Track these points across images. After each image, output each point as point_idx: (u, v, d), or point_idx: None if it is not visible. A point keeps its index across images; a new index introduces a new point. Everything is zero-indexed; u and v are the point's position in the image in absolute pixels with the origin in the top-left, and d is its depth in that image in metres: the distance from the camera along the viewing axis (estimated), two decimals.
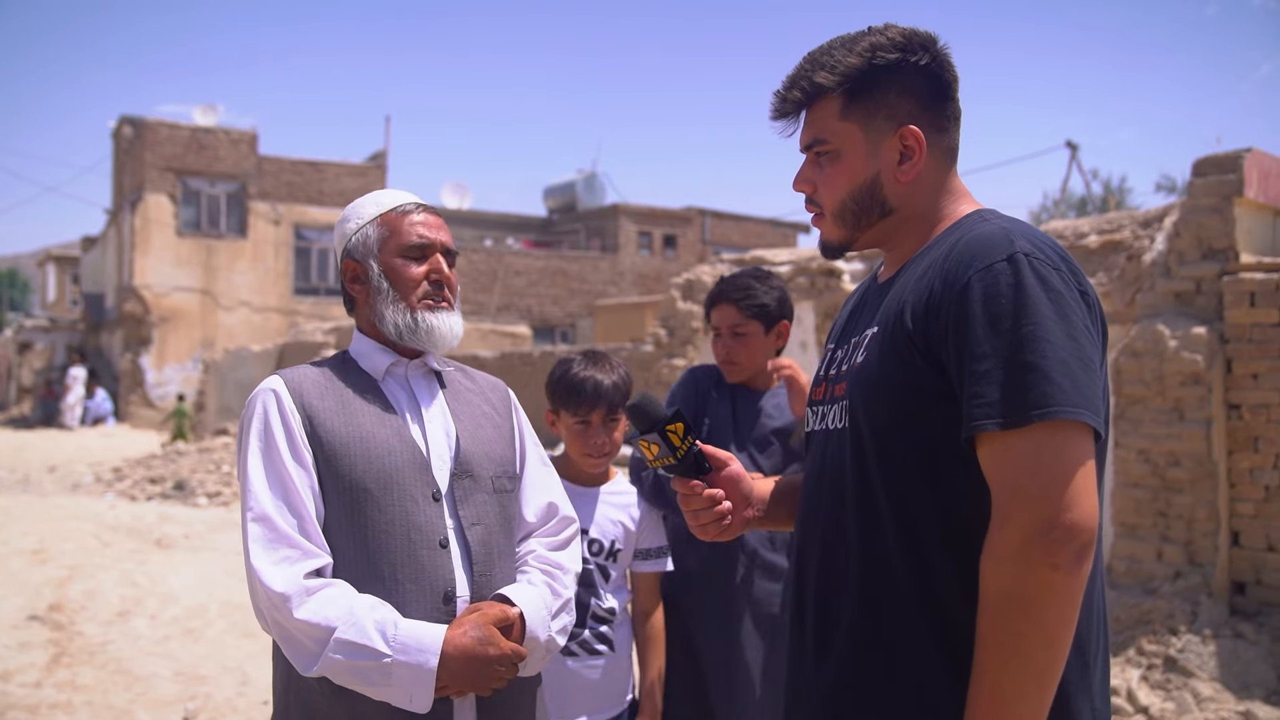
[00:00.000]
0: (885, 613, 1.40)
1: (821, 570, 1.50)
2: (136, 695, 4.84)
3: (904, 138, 1.49)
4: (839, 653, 1.45)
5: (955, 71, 1.54)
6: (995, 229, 1.40)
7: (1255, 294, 4.93)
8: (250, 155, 24.62)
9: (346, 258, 1.94)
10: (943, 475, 1.36)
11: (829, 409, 1.55)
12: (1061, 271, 1.34)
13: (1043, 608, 1.23)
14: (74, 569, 7.25)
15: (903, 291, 1.45)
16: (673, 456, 1.62)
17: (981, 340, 1.30)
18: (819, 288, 7.85)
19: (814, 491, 1.56)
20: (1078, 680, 1.33)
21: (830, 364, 1.62)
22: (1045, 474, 1.24)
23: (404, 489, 1.79)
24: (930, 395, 1.37)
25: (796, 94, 1.54)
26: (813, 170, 1.56)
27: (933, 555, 1.36)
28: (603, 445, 2.47)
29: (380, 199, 1.97)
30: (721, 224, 30.75)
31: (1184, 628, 4.77)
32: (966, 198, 1.56)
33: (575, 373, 2.45)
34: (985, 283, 1.32)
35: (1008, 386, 1.27)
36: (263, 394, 1.81)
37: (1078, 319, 1.31)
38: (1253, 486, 4.96)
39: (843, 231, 1.57)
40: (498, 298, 26.41)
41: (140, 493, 12.16)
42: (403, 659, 1.64)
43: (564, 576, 1.94)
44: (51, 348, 27.69)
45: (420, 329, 1.87)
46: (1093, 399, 1.28)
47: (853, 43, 1.51)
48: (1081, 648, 1.34)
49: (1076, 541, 1.23)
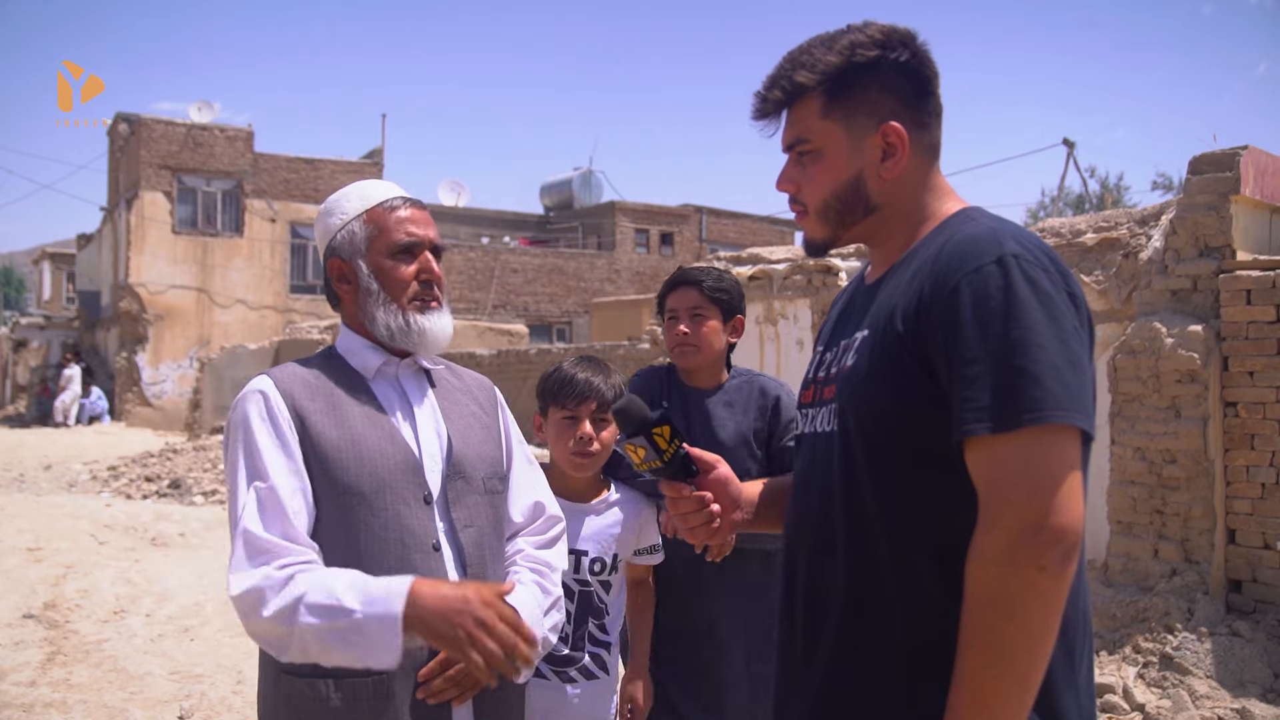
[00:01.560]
0: (874, 615, 1.40)
1: (810, 573, 1.50)
2: (132, 694, 4.83)
3: (886, 135, 1.49)
4: (828, 655, 1.45)
5: (935, 68, 1.54)
6: (984, 230, 1.40)
7: (1252, 291, 4.93)
8: (246, 153, 24.56)
9: (333, 255, 1.89)
10: (932, 478, 1.36)
11: (818, 412, 1.55)
12: (1050, 273, 1.34)
13: (1026, 610, 1.23)
14: (69, 567, 7.24)
15: (893, 294, 1.45)
16: (659, 460, 1.62)
17: (971, 343, 1.30)
18: (815, 285, 7.85)
19: (803, 494, 1.56)
20: (1064, 676, 1.34)
21: (819, 366, 1.62)
22: (1033, 477, 1.24)
23: (396, 492, 1.76)
24: (920, 398, 1.36)
25: (777, 94, 1.54)
26: (796, 170, 1.56)
27: (922, 558, 1.36)
28: (589, 441, 2.37)
29: (366, 193, 1.91)
30: (718, 221, 30.75)
31: (1180, 625, 4.77)
32: (951, 195, 1.56)
33: (567, 370, 2.43)
34: (975, 285, 1.32)
35: (998, 390, 1.27)
36: (251, 395, 1.76)
37: (1067, 321, 1.31)
38: (1249, 484, 4.96)
39: (826, 230, 1.57)
40: (494, 295, 26.39)
41: (136, 491, 12.13)
42: (371, 610, 1.55)
43: (552, 575, 1.93)
44: (47, 346, 27.63)
45: (413, 331, 1.84)
46: (1083, 401, 1.28)
47: (832, 41, 1.51)
48: (1068, 644, 1.34)
49: (1063, 545, 1.23)
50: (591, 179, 31.14)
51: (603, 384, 2.40)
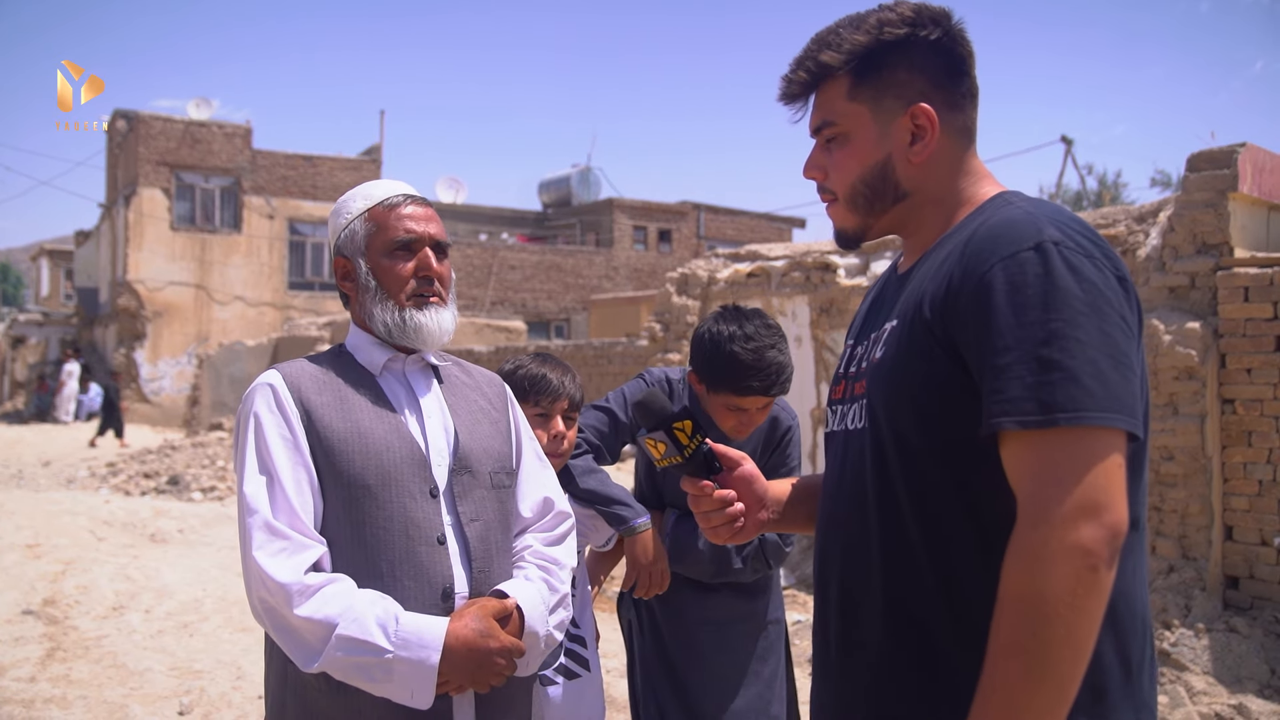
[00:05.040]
0: (911, 614, 1.34)
1: (844, 573, 1.44)
2: (131, 690, 4.83)
3: (915, 117, 1.42)
4: (864, 659, 1.39)
5: (970, 47, 1.46)
6: (1021, 214, 1.32)
7: (1249, 289, 4.94)
8: (245, 149, 24.53)
9: (337, 254, 1.93)
10: (966, 473, 1.30)
11: (849, 408, 1.48)
12: (1096, 259, 1.25)
13: (1073, 611, 1.15)
14: (68, 564, 7.24)
15: (923, 281, 1.38)
16: (680, 455, 1.58)
17: (1004, 333, 1.22)
18: (814, 282, 7.85)
19: (834, 493, 1.49)
20: (1120, 688, 1.27)
21: (850, 361, 1.54)
22: (1077, 477, 1.17)
23: (402, 485, 1.77)
24: (952, 389, 1.29)
25: (802, 75, 1.47)
26: (822, 155, 1.50)
27: (958, 555, 1.31)
28: (561, 439, 2.39)
29: (370, 192, 1.94)
30: (716, 218, 30.73)
31: (1177, 622, 4.78)
32: (988, 179, 1.48)
33: (535, 368, 2.42)
34: (1010, 272, 1.24)
35: (1032, 384, 1.19)
36: (260, 388, 1.79)
37: (1113, 311, 1.23)
38: (1246, 481, 4.97)
39: (856, 218, 1.49)
40: (492, 292, 26.38)
41: (135, 488, 12.13)
42: (404, 655, 1.63)
43: (560, 572, 1.94)
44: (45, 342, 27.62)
45: (409, 328, 1.85)
46: (1125, 400, 1.20)
47: (860, 20, 1.44)
48: (1124, 654, 1.28)
49: (1114, 543, 1.17)
50: (590, 176, 31.11)
51: (570, 383, 2.42)
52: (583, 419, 2.59)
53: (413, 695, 1.64)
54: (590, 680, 2.36)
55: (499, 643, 1.70)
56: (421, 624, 1.66)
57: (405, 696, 1.65)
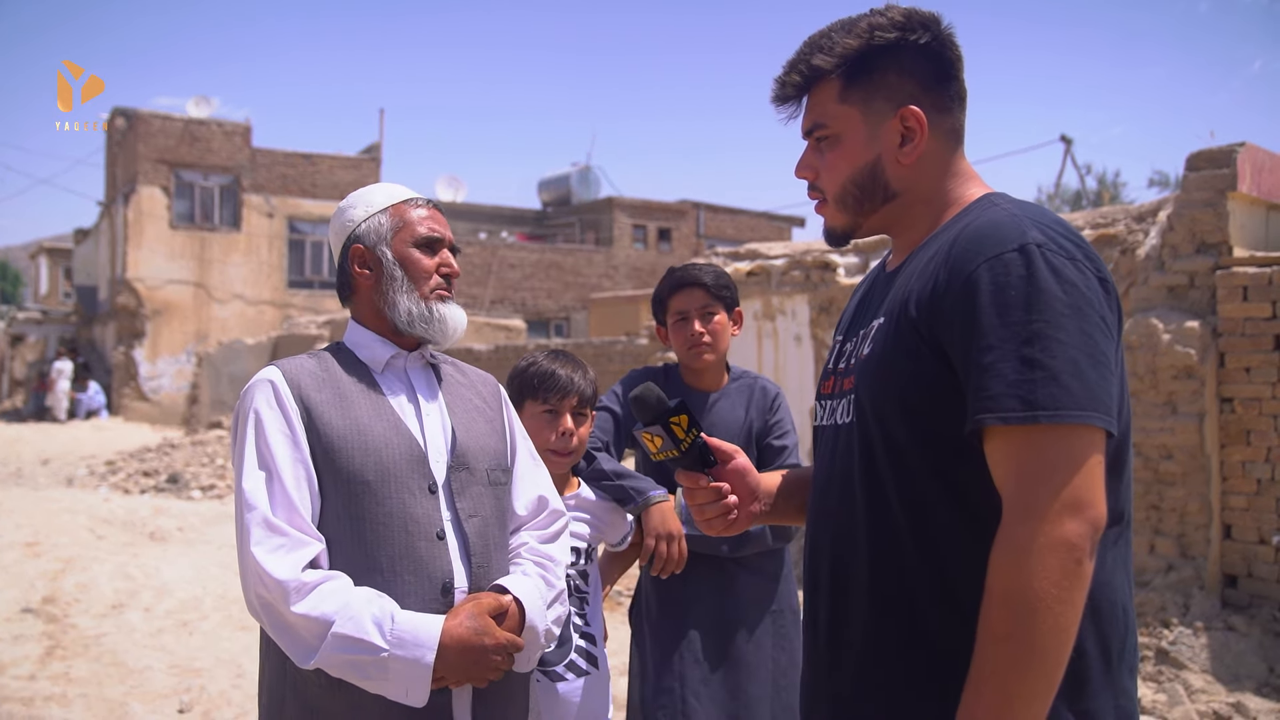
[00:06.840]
0: (899, 603, 1.37)
1: (833, 567, 1.48)
2: (131, 688, 4.84)
3: (904, 119, 1.46)
4: (854, 651, 1.43)
5: (959, 51, 1.50)
6: (1005, 215, 1.36)
7: (1248, 288, 4.95)
8: (244, 148, 24.51)
9: (356, 242, 1.94)
10: (951, 467, 1.34)
11: (838, 403, 1.52)
12: (1077, 260, 1.30)
13: (1060, 603, 1.20)
14: (68, 562, 7.23)
15: (909, 280, 1.42)
16: (676, 449, 1.60)
17: (987, 332, 1.27)
18: (814, 281, 7.85)
19: (824, 486, 1.53)
20: (1100, 675, 1.31)
21: (839, 357, 1.58)
22: (1060, 474, 1.22)
23: (401, 481, 1.79)
24: (937, 387, 1.33)
25: (795, 77, 1.51)
26: (814, 156, 1.54)
27: (945, 545, 1.34)
28: (570, 436, 2.39)
29: (391, 191, 2.00)
30: (716, 217, 30.72)
31: (1176, 620, 4.79)
32: (975, 180, 1.52)
33: (546, 364, 2.42)
34: (994, 272, 1.29)
35: (1015, 382, 1.24)
36: (259, 384, 1.80)
37: (1093, 311, 1.28)
38: (1245, 480, 4.98)
39: (846, 217, 1.53)
40: (492, 291, 26.37)
41: (134, 486, 12.13)
42: (399, 653, 1.64)
43: (555, 568, 1.96)
44: (44, 341, 27.60)
45: (434, 318, 1.90)
46: (1103, 399, 1.25)
47: (851, 24, 1.49)
48: (1104, 642, 1.32)
49: (1095, 537, 1.22)
50: (589, 175, 31.10)
51: (581, 379, 2.42)
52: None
53: (407, 693, 1.66)
54: (599, 678, 2.37)
55: (494, 640, 1.71)
56: (417, 622, 1.67)
57: (400, 694, 1.66)
